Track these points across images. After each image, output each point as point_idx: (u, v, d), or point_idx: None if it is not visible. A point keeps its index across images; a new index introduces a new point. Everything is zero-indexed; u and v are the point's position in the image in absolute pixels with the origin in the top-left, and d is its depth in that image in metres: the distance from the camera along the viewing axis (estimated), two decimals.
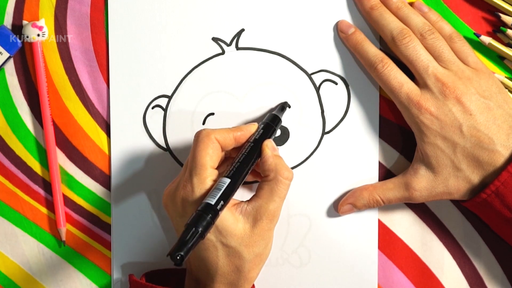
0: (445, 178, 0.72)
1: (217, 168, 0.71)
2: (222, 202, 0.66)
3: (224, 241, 0.68)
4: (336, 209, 0.77)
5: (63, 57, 0.78)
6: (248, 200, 0.70)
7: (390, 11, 0.75)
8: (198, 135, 0.70)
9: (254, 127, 0.72)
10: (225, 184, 0.67)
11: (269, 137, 0.73)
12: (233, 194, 0.68)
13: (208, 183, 0.68)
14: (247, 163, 0.70)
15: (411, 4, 0.76)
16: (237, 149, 0.72)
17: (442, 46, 0.73)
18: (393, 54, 0.76)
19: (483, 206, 0.72)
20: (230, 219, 0.68)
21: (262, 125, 0.73)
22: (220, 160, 0.72)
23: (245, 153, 0.70)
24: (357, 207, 0.76)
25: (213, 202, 0.66)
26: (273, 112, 0.75)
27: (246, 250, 0.69)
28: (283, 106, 0.76)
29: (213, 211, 0.65)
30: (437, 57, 0.73)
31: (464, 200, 0.74)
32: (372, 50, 0.75)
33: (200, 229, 0.64)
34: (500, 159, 0.71)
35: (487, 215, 0.73)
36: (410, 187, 0.74)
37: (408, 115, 0.73)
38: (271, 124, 0.73)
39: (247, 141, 0.72)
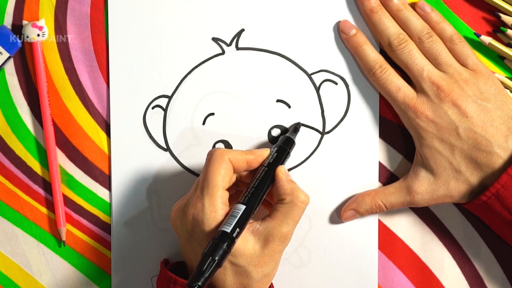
0: (445, 180, 0.72)
1: (227, 190, 0.70)
2: (238, 230, 0.66)
3: (233, 260, 0.68)
4: (338, 214, 0.77)
5: (63, 57, 0.78)
6: (260, 220, 0.70)
7: (391, 13, 0.75)
8: (211, 154, 0.70)
9: (266, 152, 0.72)
10: (240, 210, 0.67)
11: (283, 160, 0.72)
12: (249, 220, 0.68)
13: (219, 203, 0.68)
14: (261, 188, 0.70)
15: (414, 3, 0.76)
16: (249, 173, 0.72)
17: (439, 49, 0.73)
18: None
19: (483, 208, 0.72)
20: (240, 238, 0.68)
21: (276, 148, 0.73)
22: (231, 182, 0.71)
23: (260, 178, 0.70)
24: (359, 213, 0.76)
25: (229, 230, 0.66)
26: (287, 134, 0.75)
27: (255, 270, 0.68)
28: (296, 127, 0.76)
29: (229, 239, 0.65)
30: (434, 60, 0.73)
31: (465, 202, 0.74)
32: (372, 55, 0.75)
33: (217, 258, 0.64)
34: (498, 161, 0.71)
35: (487, 217, 0.73)
36: (412, 191, 0.74)
37: (406, 119, 0.73)
38: (284, 147, 0.73)
39: (261, 165, 0.71)
